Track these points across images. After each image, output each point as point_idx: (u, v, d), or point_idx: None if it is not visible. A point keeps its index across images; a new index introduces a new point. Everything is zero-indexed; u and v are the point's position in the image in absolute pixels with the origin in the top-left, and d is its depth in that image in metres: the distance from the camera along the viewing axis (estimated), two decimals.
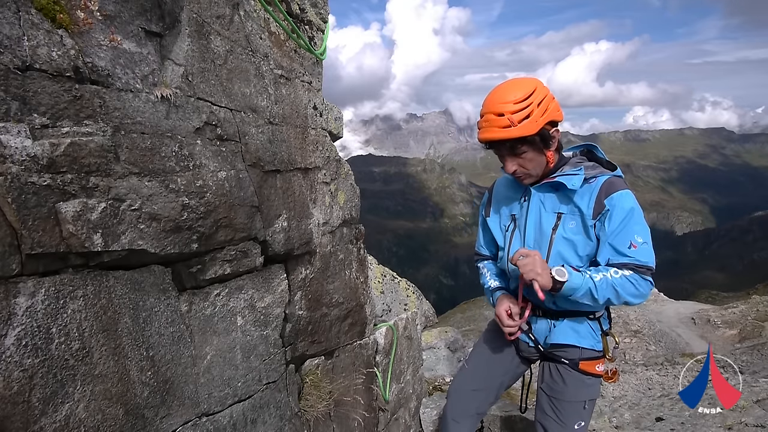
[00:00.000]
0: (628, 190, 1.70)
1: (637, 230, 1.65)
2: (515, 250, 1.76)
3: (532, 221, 1.82)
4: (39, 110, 0.98)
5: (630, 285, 1.63)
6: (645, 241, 1.65)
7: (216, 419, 1.51)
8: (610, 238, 1.67)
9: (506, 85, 1.71)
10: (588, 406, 1.91)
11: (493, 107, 1.64)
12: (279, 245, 1.77)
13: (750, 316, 12.62)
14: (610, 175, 1.74)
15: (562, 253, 1.75)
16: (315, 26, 2.14)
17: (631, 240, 1.64)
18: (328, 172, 2.19)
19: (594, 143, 1.89)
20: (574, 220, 1.73)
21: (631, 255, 1.64)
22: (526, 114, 1.61)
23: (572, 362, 1.86)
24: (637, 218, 1.67)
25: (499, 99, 1.65)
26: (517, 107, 1.61)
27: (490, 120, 1.65)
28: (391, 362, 2.78)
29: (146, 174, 1.20)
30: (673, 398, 4.85)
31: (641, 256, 1.64)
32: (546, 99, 1.65)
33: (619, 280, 1.63)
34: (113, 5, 1.15)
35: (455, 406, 2.12)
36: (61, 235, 1.03)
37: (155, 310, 1.30)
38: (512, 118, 1.60)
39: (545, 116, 1.64)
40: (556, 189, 1.76)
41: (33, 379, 0.99)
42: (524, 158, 1.70)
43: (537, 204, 1.81)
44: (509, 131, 1.62)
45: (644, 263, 1.64)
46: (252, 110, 1.64)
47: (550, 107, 1.66)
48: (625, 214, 1.65)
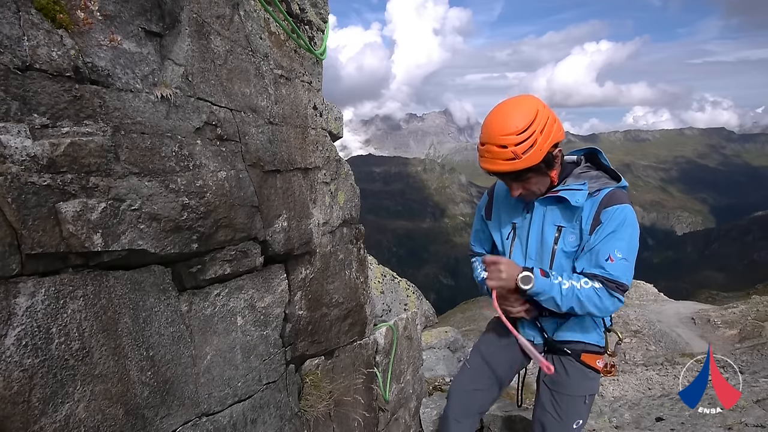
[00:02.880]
0: (626, 205, 1.67)
1: (620, 245, 1.63)
2: (514, 260, 1.79)
3: (535, 233, 1.82)
4: (39, 110, 0.99)
5: (596, 297, 1.63)
6: (624, 258, 1.63)
7: (216, 419, 1.51)
8: (593, 245, 1.67)
9: (506, 110, 1.62)
10: (588, 401, 1.93)
11: (495, 138, 1.58)
12: (279, 245, 1.77)
13: (750, 316, 12.62)
14: (614, 188, 1.72)
15: (563, 266, 1.77)
16: (315, 26, 2.14)
17: (611, 253, 1.63)
18: (328, 172, 2.19)
19: (597, 147, 1.88)
20: (573, 234, 1.73)
21: (605, 268, 1.63)
22: (531, 144, 1.55)
23: (575, 352, 1.89)
24: (625, 234, 1.64)
25: (500, 129, 1.57)
26: (521, 138, 1.54)
27: (493, 152, 1.59)
28: (391, 362, 2.78)
29: (146, 174, 1.20)
30: (673, 398, 4.85)
31: (615, 271, 1.62)
32: (548, 123, 1.59)
33: (586, 291, 1.63)
34: (113, 5, 1.15)
35: (457, 405, 2.12)
36: (61, 235, 1.03)
37: (155, 310, 1.30)
38: (516, 150, 1.55)
39: (549, 142, 1.60)
40: (560, 202, 1.75)
41: (33, 379, 0.99)
42: (529, 183, 1.69)
43: (540, 216, 1.81)
44: (514, 164, 1.57)
45: (615, 278, 1.62)
46: (252, 110, 1.64)
47: (553, 130, 1.61)
48: (614, 228, 1.64)
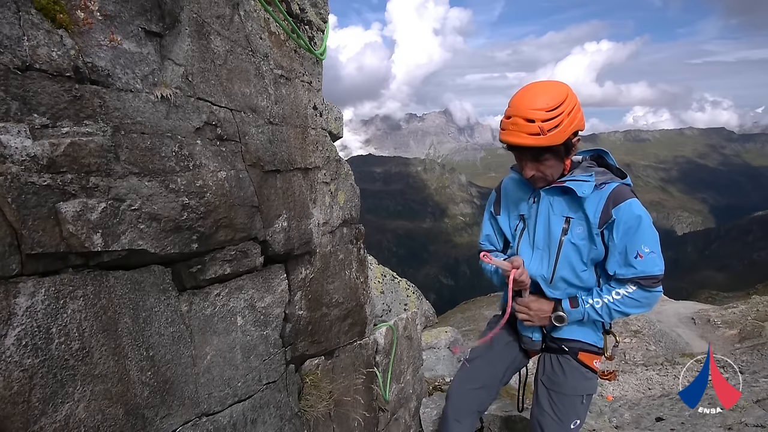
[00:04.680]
0: (635, 199, 1.70)
1: (644, 240, 1.67)
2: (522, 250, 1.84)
3: (542, 224, 1.83)
4: (39, 110, 0.98)
5: (632, 301, 1.72)
6: (652, 251, 1.68)
7: (216, 419, 1.51)
8: (619, 247, 1.70)
9: (538, 88, 1.65)
10: (585, 401, 1.93)
11: (524, 111, 1.58)
12: (279, 245, 1.77)
13: (750, 316, 12.63)
14: (619, 183, 1.74)
15: (569, 257, 1.78)
16: (315, 26, 2.14)
17: (638, 250, 1.67)
18: (328, 172, 2.19)
19: (604, 149, 1.88)
20: (581, 225, 1.75)
21: (636, 266, 1.68)
22: (557, 123, 1.57)
23: (572, 351, 1.90)
24: (645, 227, 1.68)
25: (530, 103, 1.58)
26: (549, 115, 1.56)
27: (519, 124, 1.60)
28: (391, 362, 2.78)
29: (146, 174, 1.20)
30: (673, 398, 4.85)
31: (647, 267, 1.67)
32: (575, 108, 1.62)
33: (619, 301, 1.72)
34: (113, 5, 1.15)
35: (456, 405, 2.12)
36: (61, 235, 1.03)
37: (155, 310, 1.30)
38: (542, 126, 1.56)
39: (573, 126, 1.62)
40: (566, 193, 1.76)
41: (33, 379, 0.99)
42: (545, 165, 1.70)
43: (546, 207, 1.82)
44: (538, 139, 1.58)
45: (650, 274, 1.68)
46: (252, 110, 1.64)
47: (577, 118, 1.63)
48: (631, 224, 1.67)
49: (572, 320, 1.78)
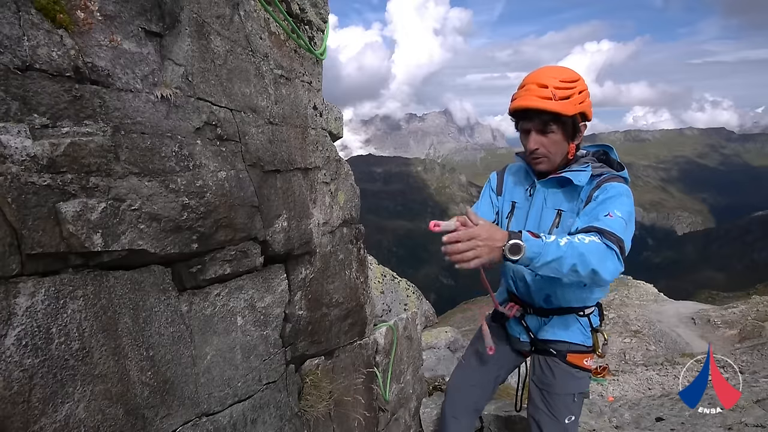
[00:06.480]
0: (622, 183, 1.67)
1: (617, 207, 1.55)
2: None
3: (533, 216, 1.83)
4: (39, 110, 0.98)
5: (597, 249, 1.42)
6: (623, 218, 1.52)
7: (216, 419, 1.51)
8: (587, 211, 1.62)
9: (554, 66, 1.76)
10: (577, 399, 1.94)
11: (538, 79, 1.67)
12: (279, 245, 1.77)
13: (750, 316, 12.63)
14: (615, 174, 1.73)
15: None
16: (315, 26, 2.14)
17: (610, 211, 1.53)
18: (328, 172, 2.19)
19: (608, 145, 1.88)
20: (572, 218, 1.73)
21: (602, 221, 1.50)
22: (568, 94, 1.64)
23: (560, 354, 1.89)
24: (622, 202, 1.58)
25: (546, 73, 1.68)
26: (563, 85, 1.64)
27: (531, 89, 1.66)
28: (391, 362, 2.78)
29: (146, 174, 1.20)
30: (673, 398, 4.86)
31: (613, 226, 1.48)
32: (585, 92, 1.70)
33: (583, 242, 1.42)
34: (113, 5, 1.15)
35: (454, 402, 2.13)
36: (61, 235, 1.03)
37: (155, 310, 1.30)
38: (555, 92, 1.62)
39: (582, 105, 1.68)
40: (562, 185, 1.77)
41: (33, 379, 0.99)
42: (550, 139, 1.69)
43: (540, 200, 1.82)
44: (548, 103, 1.62)
45: (613, 230, 1.47)
46: (252, 110, 1.64)
47: (587, 101, 1.71)
48: (608, 196, 1.60)
49: (530, 253, 1.38)
